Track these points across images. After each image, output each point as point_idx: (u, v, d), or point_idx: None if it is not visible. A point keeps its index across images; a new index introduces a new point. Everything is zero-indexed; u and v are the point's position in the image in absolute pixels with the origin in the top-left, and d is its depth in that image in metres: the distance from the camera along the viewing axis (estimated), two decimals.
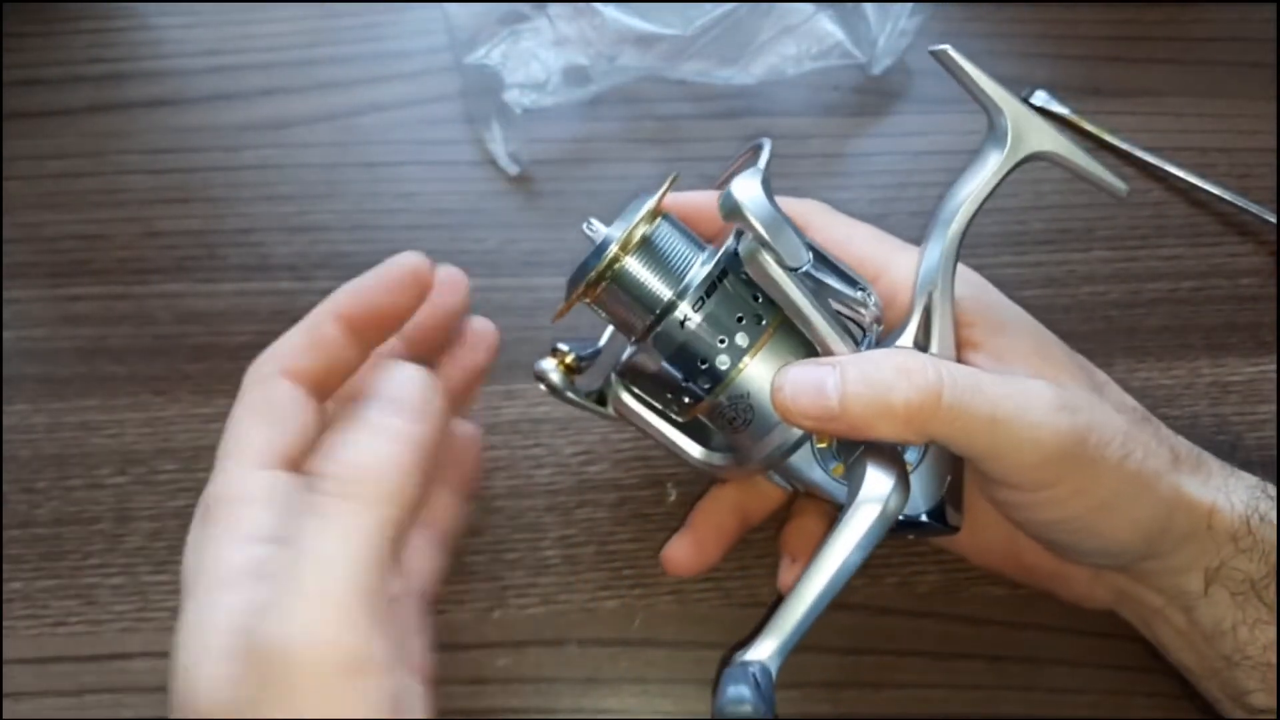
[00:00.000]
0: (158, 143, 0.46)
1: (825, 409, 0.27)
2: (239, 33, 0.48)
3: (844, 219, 0.33)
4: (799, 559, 0.33)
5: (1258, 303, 0.43)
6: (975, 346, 0.30)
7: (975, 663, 0.37)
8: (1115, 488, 0.28)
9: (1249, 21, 0.49)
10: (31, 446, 0.40)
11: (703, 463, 0.31)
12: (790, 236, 0.27)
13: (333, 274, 0.43)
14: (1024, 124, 0.28)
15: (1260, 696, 0.30)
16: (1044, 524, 0.29)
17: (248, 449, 0.26)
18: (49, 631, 0.38)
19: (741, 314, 0.28)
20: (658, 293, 0.29)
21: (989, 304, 0.31)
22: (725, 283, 0.28)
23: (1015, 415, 0.27)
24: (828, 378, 0.27)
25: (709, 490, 0.35)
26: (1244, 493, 0.30)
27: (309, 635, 0.22)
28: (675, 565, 0.34)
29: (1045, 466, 0.27)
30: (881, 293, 0.31)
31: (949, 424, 0.27)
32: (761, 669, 0.25)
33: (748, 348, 0.28)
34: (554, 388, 0.30)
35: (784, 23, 0.46)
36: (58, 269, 0.43)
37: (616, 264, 0.29)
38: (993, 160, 0.28)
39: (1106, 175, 0.29)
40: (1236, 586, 0.29)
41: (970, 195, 0.28)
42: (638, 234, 0.28)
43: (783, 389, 0.27)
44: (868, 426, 0.27)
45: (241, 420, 0.27)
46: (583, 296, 0.29)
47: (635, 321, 0.29)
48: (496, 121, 0.44)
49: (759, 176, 0.27)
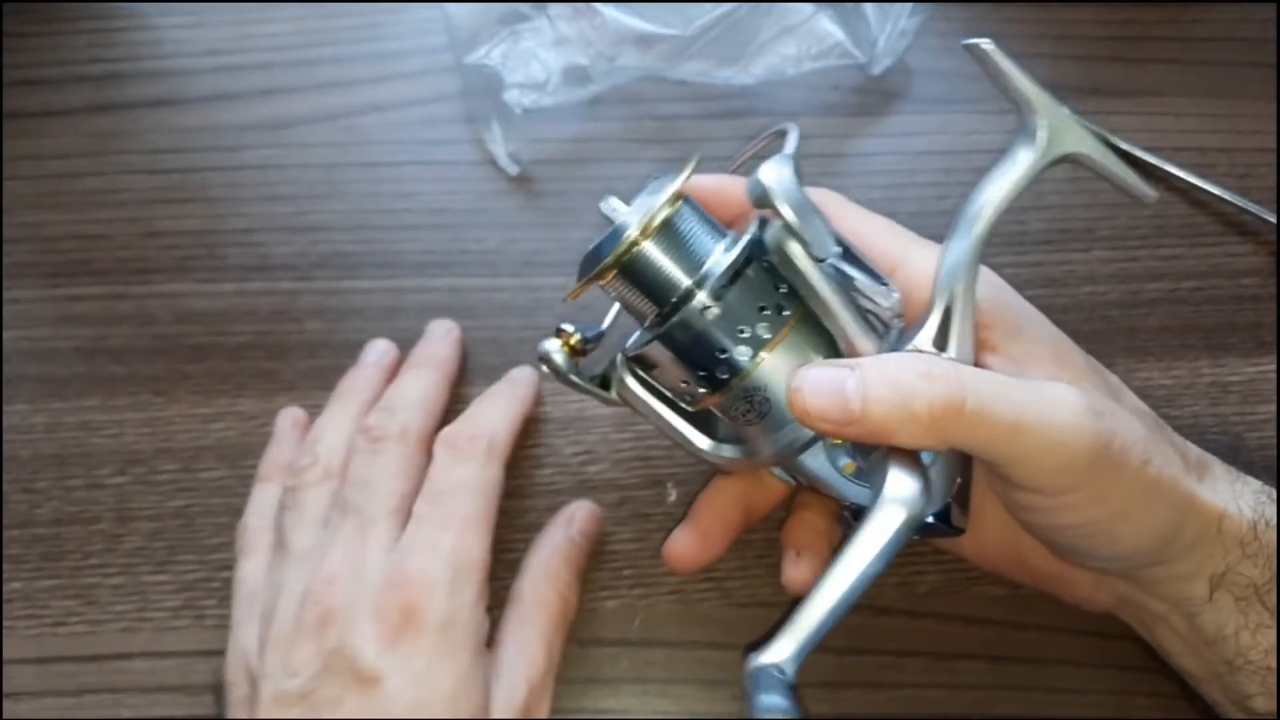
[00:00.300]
0: (158, 143, 0.46)
1: (846, 412, 0.26)
2: (239, 33, 0.48)
3: (860, 210, 0.33)
4: (803, 553, 0.33)
5: (1258, 303, 0.43)
6: (992, 349, 0.30)
7: (975, 663, 0.37)
8: (1135, 493, 0.28)
9: (1249, 21, 0.49)
10: (31, 446, 0.40)
11: (710, 454, 0.30)
12: (819, 225, 0.26)
13: (333, 274, 0.43)
14: (1059, 124, 0.27)
15: (1261, 700, 0.30)
16: (1060, 528, 0.29)
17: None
18: (49, 631, 0.38)
19: (764, 304, 0.27)
20: (676, 279, 0.28)
21: (1007, 306, 0.31)
22: (748, 271, 0.27)
23: (1040, 420, 0.26)
24: (848, 380, 0.26)
25: (711, 482, 0.35)
26: (1250, 498, 0.30)
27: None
28: (678, 559, 0.33)
29: (1068, 471, 0.27)
30: (899, 286, 0.30)
31: (972, 430, 0.26)
32: (780, 672, 0.24)
33: (768, 339, 0.27)
34: (557, 369, 0.30)
35: (784, 23, 0.46)
36: (58, 269, 0.43)
37: (636, 247, 0.27)
38: (1023, 159, 0.28)
39: (1138, 181, 0.28)
40: (1241, 592, 0.29)
41: (998, 194, 0.28)
42: (659, 217, 0.27)
43: (800, 390, 0.26)
44: (889, 432, 0.26)
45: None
46: (597, 279, 0.28)
47: (650, 307, 0.28)
48: (496, 121, 0.44)
49: (790, 163, 0.26)
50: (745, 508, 0.34)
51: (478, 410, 0.37)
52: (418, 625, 0.31)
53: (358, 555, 0.32)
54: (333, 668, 0.30)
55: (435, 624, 0.31)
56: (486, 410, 0.37)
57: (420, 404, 0.37)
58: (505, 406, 0.37)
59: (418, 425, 0.36)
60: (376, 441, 0.35)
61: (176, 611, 0.38)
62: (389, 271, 0.43)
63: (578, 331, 0.30)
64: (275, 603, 0.33)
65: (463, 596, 0.32)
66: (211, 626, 0.37)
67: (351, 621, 0.31)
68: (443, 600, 0.31)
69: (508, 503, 0.39)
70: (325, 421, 0.38)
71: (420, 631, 0.31)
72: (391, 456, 0.35)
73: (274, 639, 0.32)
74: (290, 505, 0.35)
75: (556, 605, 0.35)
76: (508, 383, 0.39)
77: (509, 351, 0.42)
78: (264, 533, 0.36)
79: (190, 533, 0.39)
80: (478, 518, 0.34)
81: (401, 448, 0.35)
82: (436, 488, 0.34)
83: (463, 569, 0.32)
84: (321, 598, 0.31)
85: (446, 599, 0.31)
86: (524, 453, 0.40)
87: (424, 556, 0.32)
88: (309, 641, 0.31)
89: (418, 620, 0.31)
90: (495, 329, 0.42)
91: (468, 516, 0.33)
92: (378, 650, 0.30)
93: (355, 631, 0.31)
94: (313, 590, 0.32)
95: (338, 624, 0.31)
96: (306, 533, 0.34)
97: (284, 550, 0.34)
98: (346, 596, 0.31)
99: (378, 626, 0.31)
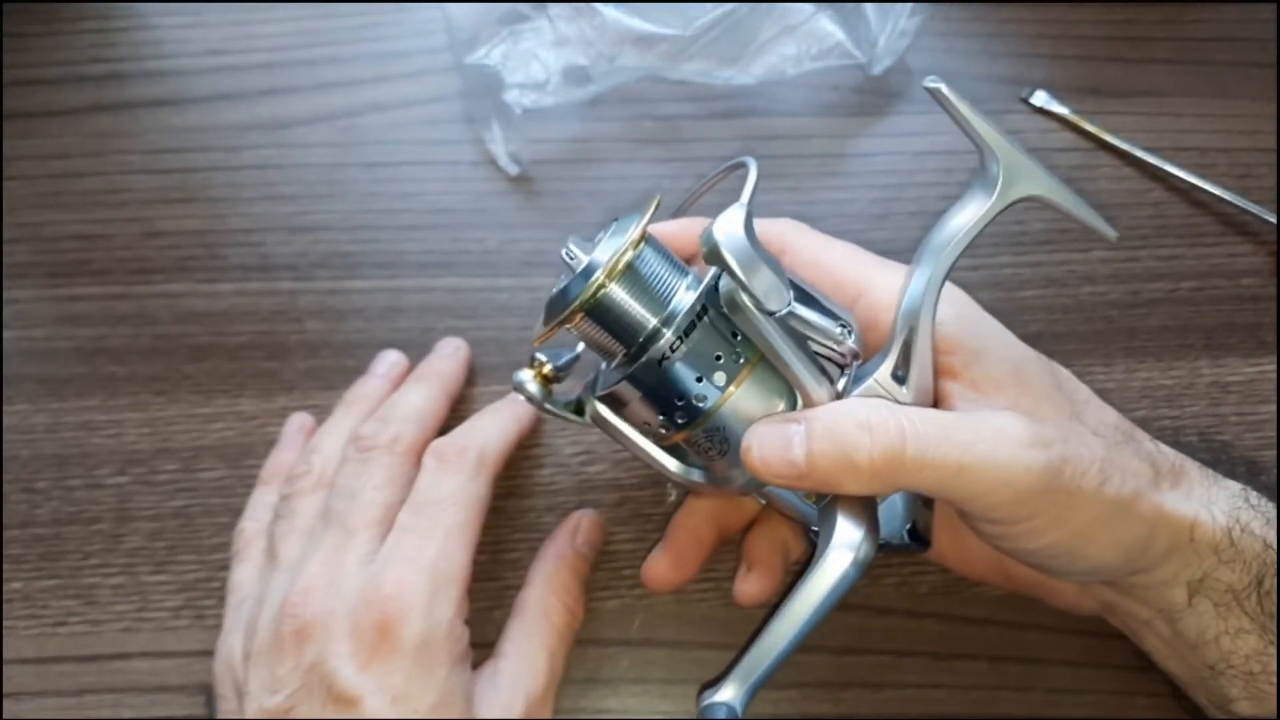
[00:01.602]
0: (158, 143, 0.46)
1: (793, 469, 0.27)
2: (240, 33, 0.48)
3: (821, 238, 0.33)
4: (755, 568, 0.34)
5: (1258, 303, 0.43)
6: (953, 375, 0.30)
7: (975, 663, 0.37)
8: (1094, 514, 0.28)
9: (1249, 21, 0.49)
10: (32, 446, 0.40)
11: (680, 477, 0.31)
12: (770, 279, 0.26)
13: (333, 274, 0.43)
14: (1016, 167, 0.28)
15: (1244, 705, 0.30)
16: (1025, 551, 0.29)
17: None
18: (49, 631, 0.38)
19: (720, 352, 0.28)
20: (641, 320, 0.28)
21: (969, 330, 0.31)
22: (706, 319, 0.28)
23: (984, 458, 0.26)
24: (794, 437, 0.27)
25: (685, 503, 0.35)
26: (1225, 503, 0.30)
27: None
28: (655, 581, 0.34)
29: (1020, 502, 0.27)
30: (862, 313, 0.31)
31: (916, 475, 0.26)
32: (729, 709, 0.26)
33: (725, 385, 0.28)
34: (531, 398, 0.30)
35: (784, 23, 0.46)
36: (58, 269, 0.44)
37: (602, 290, 0.28)
38: (981, 200, 0.28)
39: (1097, 220, 0.29)
40: (1219, 597, 0.29)
41: (957, 235, 0.28)
42: (624, 259, 0.28)
43: (750, 450, 0.27)
44: (835, 484, 0.27)
45: None
46: (564, 324, 0.29)
47: (618, 347, 0.29)
48: (496, 122, 0.44)
49: (742, 213, 0.26)
50: (719, 526, 0.35)
51: (473, 424, 0.36)
52: (394, 643, 0.30)
53: (337, 566, 0.32)
54: (311, 685, 0.30)
55: (412, 641, 0.31)
56: (481, 424, 0.36)
57: (416, 416, 0.36)
58: (501, 423, 0.37)
59: (410, 436, 0.35)
60: (365, 451, 0.35)
61: (176, 611, 0.38)
62: (389, 271, 0.43)
63: (550, 360, 0.31)
64: (258, 614, 0.33)
65: (441, 611, 0.31)
66: (211, 626, 0.37)
67: (328, 638, 0.31)
68: (420, 616, 0.31)
69: (508, 503, 0.39)
70: (326, 430, 0.37)
71: (397, 649, 0.30)
72: (379, 466, 0.34)
73: (256, 652, 0.32)
74: (283, 513, 0.35)
75: (563, 617, 0.35)
76: (509, 401, 0.38)
77: (509, 351, 0.42)
78: (258, 538, 0.36)
79: (190, 533, 0.39)
80: (460, 530, 0.33)
81: (390, 458, 0.35)
82: (421, 499, 0.33)
83: (442, 582, 0.32)
84: (298, 610, 0.31)
85: (423, 615, 0.31)
86: (524, 453, 0.40)
87: (402, 570, 0.32)
88: (288, 656, 0.31)
89: (394, 638, 0.30)
90: (495, 329, 0.42)
91: (450, 528, 0.33)
92: (354, 670, 0.30)
93: (331, 650, 0.30)
94: (290, 603, 0.31)
95: (315, 639, 0.31)
96: (295, 542, 0.34)
97: (274, 558, 0.34)
98: (323, 610, 0.31)
99: (354, 645, 0.30)
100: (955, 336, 0.30)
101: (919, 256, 0.29)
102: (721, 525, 0.35)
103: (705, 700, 0.26)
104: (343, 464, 0.35)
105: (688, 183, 0.32)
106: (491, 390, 0.41)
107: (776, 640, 0.27)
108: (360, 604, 0.31)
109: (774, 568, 0.34)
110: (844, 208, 0.44)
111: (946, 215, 0.29)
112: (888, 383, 0.29)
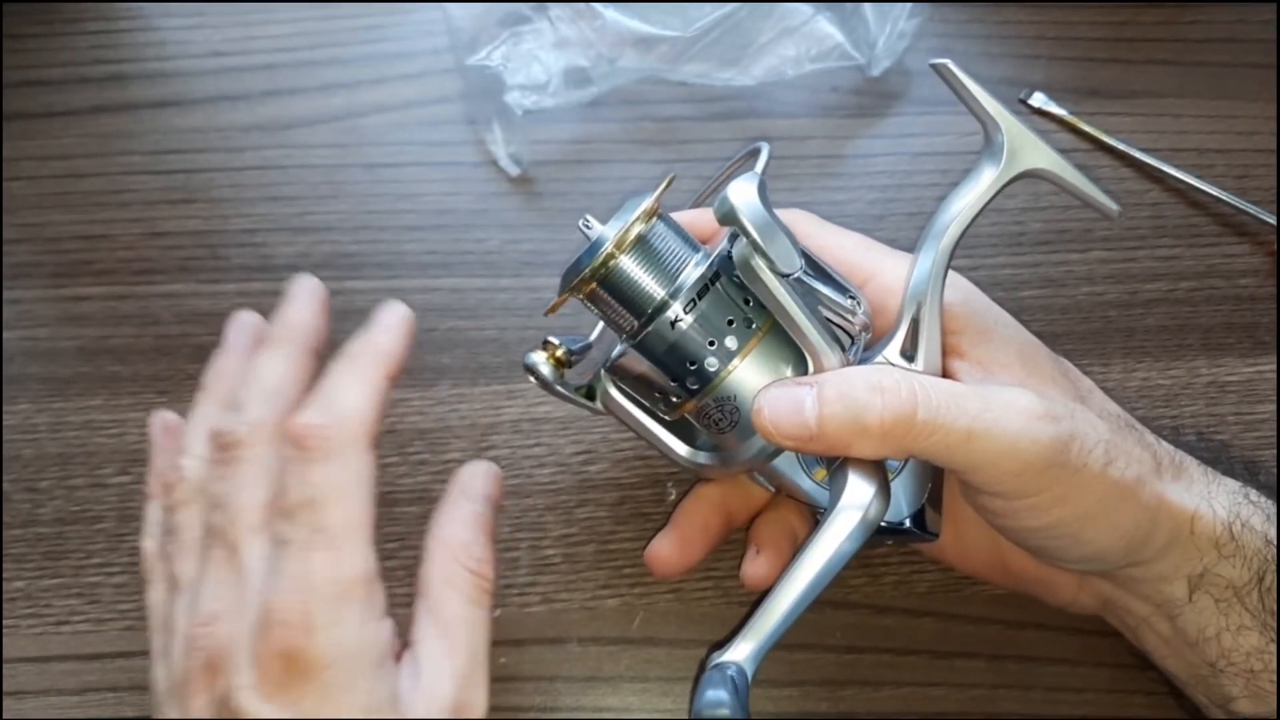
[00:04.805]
0: (161, 143, 0.46)
1: (804, 429, 0.27)
2: (242, 34, 0.48)
3: (832, 227, 0.33)
4: (764, 550, 0.34)
5: (1256, 303, 0.43)
6: (960, 355, 0.30)
7: (974, 661, 0.37)
8: (1097, 495, 0.28)
9: (1247, 22, 0.49)
10: (34, 446, 0.41)
11: (688, 461, 0.31)
12: (784, 242, 0.27)
13: (335, 274, 0.43)
14: (1020, 141, 0.28)
15: (1244, 703, 0.30)
16: (1027, 531, 0.29)
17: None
18: (52, 630, 0.38)
19: (732, 317, 0.29)
20: (650, 292, 0.29)
21: (976, 311, 0.31)
22: (718, 285, 0.29)
23: (993, 427, 0.27)
24: (805, 398, 0.27)
25: (693, 489, 0.35)
26: (1226, 499, 0.30)
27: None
28: (659, 563, 0.34)
29: (1026, 475, 0.27)
30: (871, 298, 0.31)
31: (926, 439, 0.27)
32: (738, 670, 0.25)
33: (737, 350, 0.28)
34: (543, 380, 0.30)
35: (783, 25, 0.46)
36: (61, 269, 0.44)
37: (611, 262, 0.28)
38: (987, 175, 0.28)
39: (1100, 195, 0.29)
40: (1220, 593, 0.29)
41: (963, 209, 0.29)
42: (633, 233, 0.28)
43: (762, 411, 0.27)
44: (846, 445, 0.27)
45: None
46: (575, 292, 0.29)
47: (626, 320, 0.29)
48: (497, 123, 0.45)
49: (756, 180, 0.27)
50: (726, 514, 0.35)
51: (327, 389, 0.30)
52: (301, 669, 0.27)
53: (233, 587, 0.29)
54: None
55: (320, 663, 0.27)
56: (337, 386, 0.30)
57: (275, 391, 0.30)
58: (362, 377, 0.30)
59: (272, 418, 0.30)
60: (224, 450, 0.30)
61: None
62: (391, 272, 0.43)
63: (563, 344, 0.31)
64: (171, 644, 0.30)
65: (347, 622, 0.28)
66: None
67: (234, 669, 0.28)
68: (323, 634, 0.27)
69: (508, 502, 0.39)
70: (190, 426, 0.32)
71: (304, 675, 0.27)
72: (245, 464, 0.29)
73: (174, 688, 0.29)
74: (170, 528, 0.31)
75: (469, 581, 0.30)
76: (363, 341, 0.31)
77: (511, 351, 0.42)
78: (159, 559, 0.32)
79: None
80: (345, 527, 0.28)
81: (254, 450, 0.30)
82: (291, 501, 0.28)
83: (342, 590, 0.28)
84: (203, 643, 0.28)
85: (326, 633, 0.27)
86: (524, 452, 0.40)
87: (291, 591, 0.28)
88: (201, 691, 0.28)
89: (300, 664, 0.27)
90: (497, 329, 0.42)
91: (332, 529, 0.28)
92: (261, 703, 0.27)
93: (236, 682, 0.28)
94: (195, 635, 0.28)
95: (223, 670, 0.28)
96: (188, 561, 0.30)
97: (173, 581, 0.31)
98: (226, 639, 0.28)
99: (260, 675, 0.27)
100: (963, 317, 0.30)
101: (924, 236, 0.29)
102: (728, 513, 0.35)
103: (714, 660, 0.26)
104: (209, 468, 0.31)
105: (688, 183, 0.32)
106: (491, 390, 0.41)
107: (787, 597, 0.26)
108: (259, 631, 0.28)
109: (782, 551, 0.34)
110: (843, 208, 0.45)
111: (952, 195, 0.29)
112: (897, 360, 0.29)
